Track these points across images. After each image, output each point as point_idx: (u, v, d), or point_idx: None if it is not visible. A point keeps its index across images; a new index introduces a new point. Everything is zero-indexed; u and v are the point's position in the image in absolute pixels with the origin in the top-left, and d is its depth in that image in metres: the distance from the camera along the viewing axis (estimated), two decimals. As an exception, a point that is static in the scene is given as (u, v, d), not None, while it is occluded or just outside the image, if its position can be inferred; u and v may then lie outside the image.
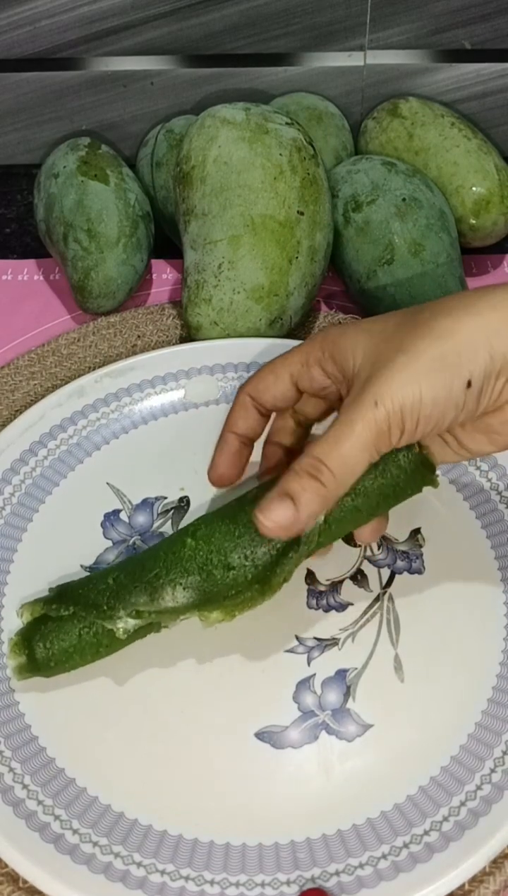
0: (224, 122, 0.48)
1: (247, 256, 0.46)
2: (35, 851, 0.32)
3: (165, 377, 0.47)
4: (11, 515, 0.42)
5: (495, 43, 0.58)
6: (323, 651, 0.38)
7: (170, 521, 0.42)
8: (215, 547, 0.36)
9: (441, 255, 0.50)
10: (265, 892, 0.32)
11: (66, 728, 0.36)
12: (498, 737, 0.35)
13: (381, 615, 0.39)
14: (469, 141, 0.55)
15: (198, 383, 0.47)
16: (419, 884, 0.31)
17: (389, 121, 0.57)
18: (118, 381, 0.47)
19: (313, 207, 0.48)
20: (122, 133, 0.63)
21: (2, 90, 0.61)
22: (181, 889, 0.31)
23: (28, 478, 0.43)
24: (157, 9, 0.56)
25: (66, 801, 0.34)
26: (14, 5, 0.56)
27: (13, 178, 0.64)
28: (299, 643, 0.38)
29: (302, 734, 0.36)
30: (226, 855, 0.33)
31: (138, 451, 0.45)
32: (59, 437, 0.45)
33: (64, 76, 0.60)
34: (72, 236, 0.51)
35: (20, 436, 0.44)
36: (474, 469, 0.44)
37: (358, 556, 0.41)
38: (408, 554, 0.41)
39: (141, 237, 0.53)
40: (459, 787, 0.34)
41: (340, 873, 0.32)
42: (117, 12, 0.57)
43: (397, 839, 0.33)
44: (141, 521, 0.42)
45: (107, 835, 0.33)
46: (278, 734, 0.36)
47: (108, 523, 0.42)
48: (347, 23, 0.57)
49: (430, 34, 0.58)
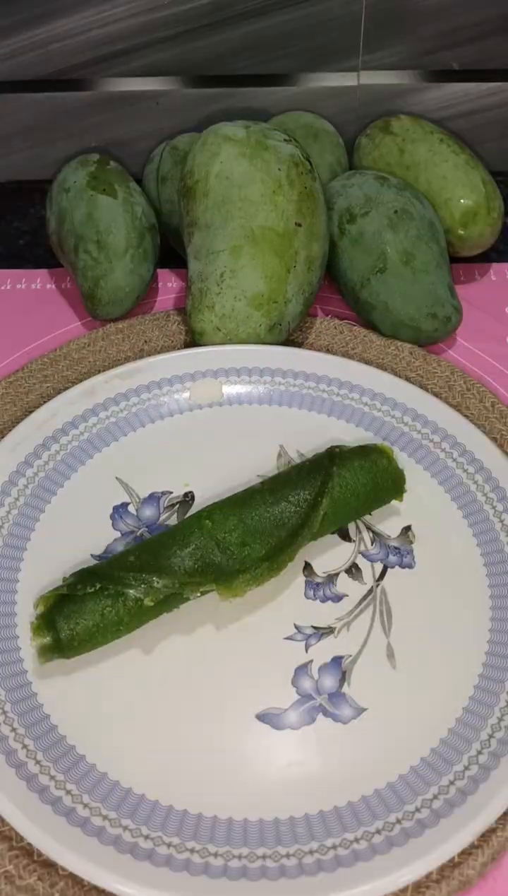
0: (226, 139, 0.49)
1: (248, 266, 0.47)
2: (52, 826, 0.32)
3: (172, 379, 0.48)
4: (25, 506, 0.42)
5: (482, 64, 0.58)
6: (320, 639, 0.39)
7: (176, 514, 0.43)
8: (231, 526, 0.38)
9: (431, 264, 0.50)
10: (266, 863, 0.32)
11: (78, 708, 0.36)
12: (485, 721, 0.36)
13: (374, 606, 0.40)
14: (457, 156, 0.54)
15: (202, 386, 0.48)
16: (411, 857, 0.32)
17: (381, 137, 0.57)
18: (127, 382, 0.47)
19: (310, 219, 0.48)
20: (130, 150, 0.63)
21: (16, 110, 0.61)
22: (186, 861, 0.32)
23: (41, 471, 0.44)
24: (163, 33, 0.56)
25: (76, 777, 0.34)
26: (28, 29, 0.56)
27: (26, 193, 0.64)
28: (298, 631, 0.39)
29: (300, 716, 0.36)
30: (229, 829, 0.33)
31: (146, 449, 0.46)
32: (71, 434, 0.45)
33: (74, 96, 0.60)
34: (82, 247, 0.52)
35: (34, 432, 0.45)
36: (461, 472, 0.44)
37: (352, 551, 0.42)
38: (400, 549, 0.42)
39: (147, 248, 0.53)
40: (448, 767, 0.34)
41: (337, 847, 0.32)
42: (125, 36, 0.57)
43: (390, 815, 0.33)
44: (148, 513, 0.43)
45: (116, 808, 0.33)
46: (278, 716, 0.36)
47: (117, 515, 0.43)
48: (342, 45, 0.57)
49: (420, 56, 0.58)
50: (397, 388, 0.48)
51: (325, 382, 0.48)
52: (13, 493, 0.43)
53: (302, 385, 0.48)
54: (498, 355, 0.53)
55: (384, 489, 0.42)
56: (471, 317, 0.54)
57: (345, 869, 0.32)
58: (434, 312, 0.50)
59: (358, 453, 0.42)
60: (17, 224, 0.63)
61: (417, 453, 0.45)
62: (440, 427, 0.46)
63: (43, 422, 0.45)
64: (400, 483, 0.42)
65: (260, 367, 0.48)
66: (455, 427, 0.46)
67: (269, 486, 0.40)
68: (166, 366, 0.48)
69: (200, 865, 0.32)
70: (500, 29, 0.56)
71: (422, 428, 0.46)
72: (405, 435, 0.46)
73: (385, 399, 0.48)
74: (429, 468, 0.45)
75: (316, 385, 0.48)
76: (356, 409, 0.47)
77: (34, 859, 0.33)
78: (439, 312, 0.50)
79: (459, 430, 0.46)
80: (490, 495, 0.43)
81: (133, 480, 0.44)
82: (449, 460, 0.45)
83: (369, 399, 0.48)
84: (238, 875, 0.32)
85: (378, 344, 0.51)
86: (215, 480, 0.44)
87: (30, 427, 0.45)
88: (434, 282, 0.50)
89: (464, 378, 0.50)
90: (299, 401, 0.48)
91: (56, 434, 0.45)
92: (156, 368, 0.48)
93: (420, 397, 0.47)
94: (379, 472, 0.41)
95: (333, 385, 0.48)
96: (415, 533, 0.43)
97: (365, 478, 0.41)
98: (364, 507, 0.42)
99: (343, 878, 0.31)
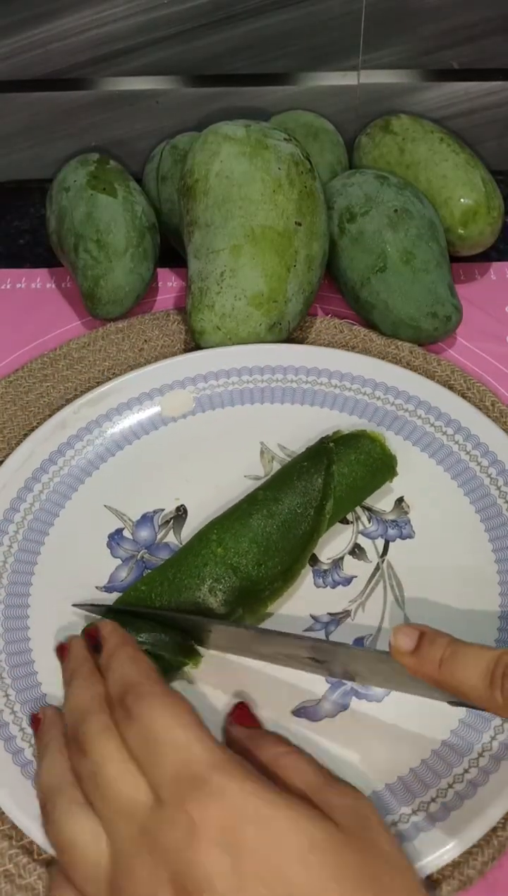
0: (225, 139, 0.49)
1: (248, 265, 0.47)
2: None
3: (140, 397, 0.47)
4: (20, 552, 0.42)
5: (481, 63, 0.58)
6: (339, 624, 0.39)
7: (172, 530, 0.43)
8: (243, 549, 0.38)
9: (431, 263, 0.50)
10: None
11: None
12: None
13: (384, 581, 0.41)
14: (457, 155, 0.55)
15: (172, 398, 0.48)
16: (453, 831, 0.32)
17: (381, 136, 0.57)
18: (96, 409, 0.47)
19: (310, 219, 0.49)
20: (130, 149, 0.62)
21: (16, 109, 0.61)
22: None
23: (28, 513, 0.43)
24: (163, 32, 0.56)
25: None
26: (27, 29, 0.56)
27: (27, 192, 0.64)
28: (315, 621, 0.39)
29: (334, 704, 0.37)
30: None
31: (128, 471, 0.45)
32: (51, 471, 0.45)
33: (74, 96, 0.60)
34: (82, 246, 0.52)
35: (13, 474, 0.44)
36: (441, 435, 0.45)
37: (352, 533, 0.43)
38: (397, 522, 0.43)
39: (147, 247, 0.53)
40: (487, 724, 0.35)
41: None
42: (125, 35, 0.57)
43: (427, 792, 0.34)
44: (144, 535, 0.43)
45: None
46: (313, 707, 0.37)
47: (114, 543, 0.43)
48: (342, 44, 0.57)
49: (420, 55, 0.58)
50: (358, 363, 0.48)
51: (292, 372, 0.49)
52: (5, 542, 0.42)
53: (269, 379, 0.48)
54: (498, 354, 0.53)
55: (379, 475, 0.43)
56: (471, 316, 0.54)
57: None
58: (434, 311, 0.50)
59: (352, 446, 0.42)
60: (16, 223, 0.63)
61: (394, 425, 0.46)
62: (412, 395, 0.47)
63: (21, 463, 0.44)
64: (393, 465, 0.43)
65: (226, 370, 0.49)
66: (428, 392, 0.47)
67: (272, 495, 0.40)
68: (132, 385, 0.48)
69: None
70: (500, 28, 0.56)
71: (395, 399, 0.47)
72: (379, 409, 0.47)
73: (352, 378, 0.48)
74: (409, 437, 0.46)
75: (283, 377, 0.48)
76: (327, 394, 0.48)
77: (34, 858, 0.34)
78: (439, 311, 0.50)
79: (431, 394, 0.46)
80: (472, 453, 0.44)
81: (122, 505, 0.44)
82: (427, 426, 0.46)
83: (338, 381, 0.48)
84: None
85: (378, 343, 0.52)
86: (204, 489, 0.44)
87: (8, 471, 0.44)
88: (435, 281, 0.50)
89: (464, 377, 0.50)
90: (270, 395, 0.48)
91: (36, 474, 0.44)
92: (122, 389, 0.48)
93: (383, 369, 0.48)
94: (374, 461, 0.42)
95: (300, 374, 0.48)
96: (409, 503, 0.43)
97: (362, 471, 0.42)
98: (362, 496, 0.43)
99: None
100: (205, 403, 0.48)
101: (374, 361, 0.48)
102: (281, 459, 0.45)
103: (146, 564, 0.42)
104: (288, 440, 0.46)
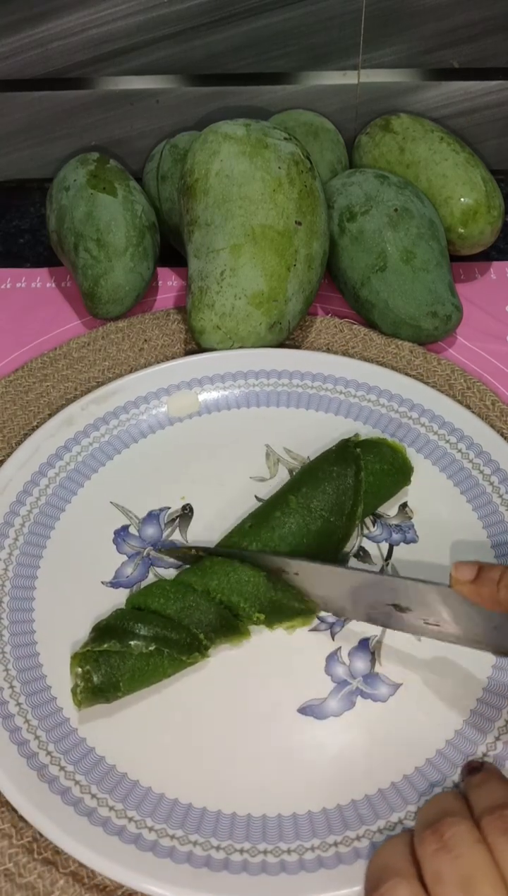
0: (226, 138, 0.49)
1: (248, 264, 0.47)
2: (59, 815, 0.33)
3: (147, 396, 0.48)
4: (26, 545, 0.42)
5: (481, 62, 0.58)
6: (343, 625, 0.39)
7: (178, 528, 0.43)
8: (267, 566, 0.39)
9: (431, 262, 0.50)
10: (338, 850, 0.32)
11: (115, 727, 0.36)
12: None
13: None
14: (457, 154, 0.55)
15: (178, 399, 0.48)
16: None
17: (382, 136, 0.57)
18: (103, 406, 0.47)
19: (310, 218, 0.48)
20: (129, 148, 0.63)
21: (16, 109, 0.61)
22: (262, 863, 0.32)
23: (35, 507, 0.43)
24: (163, 31, 0.57)
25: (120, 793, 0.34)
26: (27, 28, 0.57)
27: (27, 192, 0.65)
28: (320, 622, 0.39)
29: (340, 703, 0.37)
30: (295, 824, 0.33)
31: (134, 469, 0.45)
32: (57, 466, 0.45)
33: (74, 95, 0.60)
34: (82, 246, 0.52)
35: (20, 469, 0.44)
36: (444, 443, 0.46)
37: (357, 536, 0.43)
38: (401, 526, 0.43)
39: (147, 246, 0.53)
40: (491, 725, 0.35)
41: (382, 830, 0.33)
42: (124, 35, 0.57)
43: (433, 792, 0.34)
44: (150, 532, 0.43)
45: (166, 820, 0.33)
46: (318, 706, 0.37)
47: (120, 539, 0.43)
48: (342, 44, 0.57)
49: (420, 54, 0.58)
50: (363, 370, 0.49)
51: (298, 377, 0.49)
52: (11, 535, 0.42)
53: (275, 383, 0.49)
54: (498, 354, 0.53)
55: (398, 485, 0.44)
56: (471, 315, 0.54)
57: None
58: (434, 311, 0.50)
59: (376, 453, 0.43)
60: (16, 223, 0.63)
61: (399, 432, 0.47)
62: (416, 403, 0.47)
63: (27, 458, 0.45)
64: (409, 475, 0.44)
65: (232, 373, 0.49)
66: (432, 401, 0.47)
67: (303, 503, 0.41)
68: (139, 384, 0.48)
69: (275, 864, 0.32)
70: (500, 27, 0.57)
71: (399, 406, 0.47)
72: (384, 416, 0.47)
73: (358, 384, 0.48)
74: (413, 444, 0.46)
75: (289, 381, 0.49)
76: (332, 399, 0.48)
77: (34, 857, 0.33)
78: (439, 311, 0.50)
79: (435, 403, 0.47)
80: (475, 461, 0.45)
81: (128, 502, 0.44)
82: (431, 434, 0.46)
83: (342, 387, 0.49)
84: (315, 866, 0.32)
85: (378, 343, 0.52)
86: (210, 489, 0.44)
87: (14, 466, 0.44)
88: (435, 280, 0.50)
89: (464, 377, 0.50)
90: (275, 399, 0.49)
91: (42, 469, 0.45)
92: (129, 388, 0.48)
93: (388, 377, 0.48)
94: (396, 471, 0.43)
95: (306, 379, 0.49)
96: (412, 508, 0.44)
97: (387, 480, 0.43)
98: (380, 503, 0.43)
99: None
100: (211, 405, 0.48)
101: (380, 369, 0.49)
102: (287, 462, 0.46)
103: (152, 561, 0.42)
104: (292, 444, 0.47)
